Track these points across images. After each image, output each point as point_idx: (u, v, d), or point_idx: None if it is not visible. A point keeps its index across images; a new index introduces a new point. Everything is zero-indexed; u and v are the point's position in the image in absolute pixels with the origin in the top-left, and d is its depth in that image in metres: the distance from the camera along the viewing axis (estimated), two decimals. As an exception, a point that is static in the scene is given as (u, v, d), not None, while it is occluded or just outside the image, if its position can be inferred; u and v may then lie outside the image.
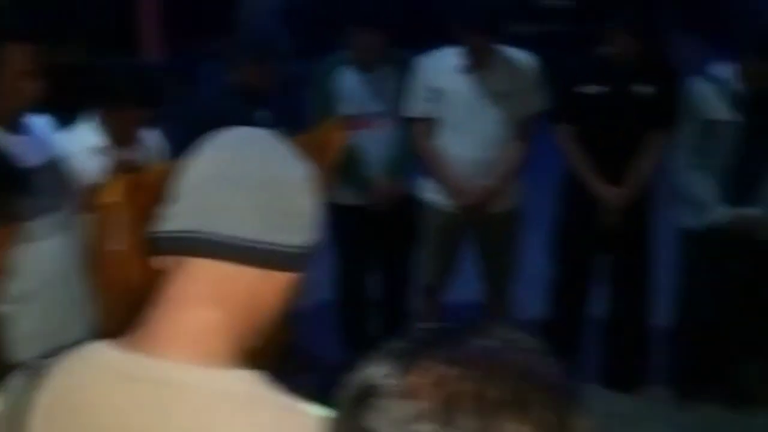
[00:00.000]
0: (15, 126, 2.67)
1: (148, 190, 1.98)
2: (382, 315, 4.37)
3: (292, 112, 3.81)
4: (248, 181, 1.09)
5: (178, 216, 1.11)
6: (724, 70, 3.82)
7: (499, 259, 4.15)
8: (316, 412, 1.04)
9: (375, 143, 4.02)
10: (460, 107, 3.88)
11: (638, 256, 4.11)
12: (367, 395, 0.76)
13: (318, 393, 1.09)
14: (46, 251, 2.65)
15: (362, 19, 3.86)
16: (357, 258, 4.29)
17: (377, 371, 0.77)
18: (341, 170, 3.53)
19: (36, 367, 1.12)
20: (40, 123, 2.83)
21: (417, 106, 3.96)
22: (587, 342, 4.30)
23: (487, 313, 4.29)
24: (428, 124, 3.95)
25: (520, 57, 3.95)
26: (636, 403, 4.15)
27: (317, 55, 4.14)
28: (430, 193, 4.06)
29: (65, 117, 3.12)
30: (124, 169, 3.07)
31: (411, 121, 4.00)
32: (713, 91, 3.80)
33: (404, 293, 4.33)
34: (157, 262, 1.13)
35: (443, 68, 3.90)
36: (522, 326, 0.82)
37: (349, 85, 4.00)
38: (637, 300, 4.17)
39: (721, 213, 3.85)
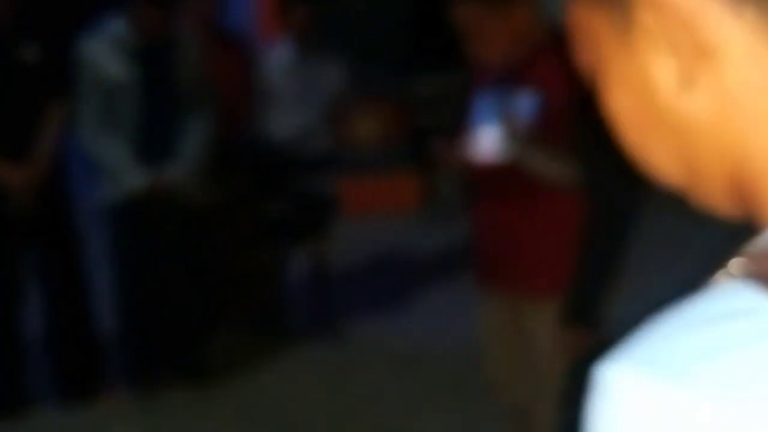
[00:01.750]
0: None
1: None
2: None
3: None
4: None
5: None
6: (118, 24, 3.49)
7: None
8: None
9: None
10: None
11: (63, 245, 3.62)
12: None
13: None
14: None
15: None
16: None
17: None
18: None
19: None
20: None
21: None
22: (32, 356, 3.71)
23: None
24: None
25: None
26: (97, 410, 3.66)
27: None
28: None
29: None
30: None
31: None
32: (108, 48, 3.45)
33: None
34: None
35: None
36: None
37: None
38: (73, 296, 3.67)
39: (138, 180, 3.50)
